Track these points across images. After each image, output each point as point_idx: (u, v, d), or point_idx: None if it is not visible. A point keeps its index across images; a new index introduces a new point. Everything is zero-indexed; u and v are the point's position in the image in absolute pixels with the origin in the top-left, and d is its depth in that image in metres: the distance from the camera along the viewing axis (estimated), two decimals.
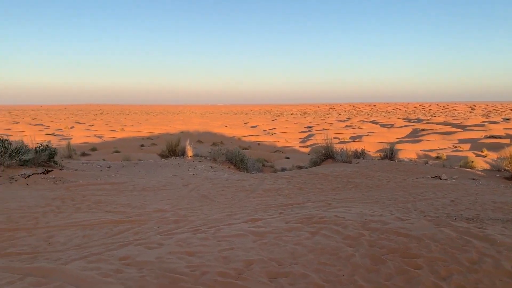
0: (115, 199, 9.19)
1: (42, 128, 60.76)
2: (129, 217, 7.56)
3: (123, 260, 5.08)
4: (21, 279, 4.62)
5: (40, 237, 6.43)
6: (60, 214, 7.80)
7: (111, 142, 45.23)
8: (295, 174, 12.95)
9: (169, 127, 66.75)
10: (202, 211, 8.09)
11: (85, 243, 6.04)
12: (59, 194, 9.56)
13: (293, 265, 4.78)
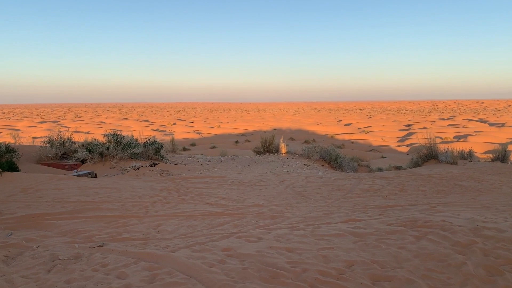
0: (215, 192, 9.60)
1: (148, 124, 65.72)
2: (228, 210, 7.84)
3: (226, 251, 5.28)
4: (135, 263, 5.03)
5: (149, 225, 6.95)
6: (167, 205, 8.36)
7: (209, 138, 47.45)
8: (395, 175, 12.40)
9: (262, 124, 68.08)
10: (298, 208, 8.10)
11: (189, 233, 6.39)
12: (166, 186, 10.25)
13: (397, 269, 4.56)
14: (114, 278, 4.58)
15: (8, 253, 5.56)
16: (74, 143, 14.94)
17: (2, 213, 7.75)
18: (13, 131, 34.14)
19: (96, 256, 5.35)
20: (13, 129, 41.63)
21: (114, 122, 54.76)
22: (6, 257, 5.43)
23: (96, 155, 13.79)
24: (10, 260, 5.35)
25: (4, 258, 5.37)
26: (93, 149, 13.92)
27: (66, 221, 7.26)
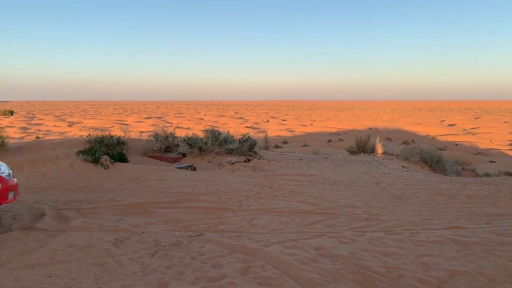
0: (307, 190, 9.57)
1: (242, 121, 67.64)
2: (321, 209, 7.76)
3: (318, 250, 5.24)
4: (230, 254, 5.21)
5: (243, 218, 7.15)
6: (260, 200, 8.53)
7: (301, 136, 47.41)
8: (505, 181, 11.25)
9: (356, 123, 66.25)
10: (394, 211, 7.74)
11: (282, 229, 6.45)
12: (259, 182, 10.47)
13: (508, 284, 4.14)
14: (210, 267, 4.79)
15: (118, 237, 6.11)
16: (176, 137, 15.94)
17: (113, 200, 8.53)
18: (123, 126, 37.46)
19: (194, 245, 5.65)
20: (123, 124, 45.74)
21: (211, 119, 57.36)
22: (116, 240, 5.97)
23: (196, 150, 14.55)
24: (119, 243, 5.87)
25: (114, 241, 5.91)
26: (193, 144, 14.71)
27: (168, 210, 7.77)
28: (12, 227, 6.57)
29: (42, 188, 9.70)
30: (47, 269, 4.79)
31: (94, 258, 5.17)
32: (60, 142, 13.95)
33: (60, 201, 8.41)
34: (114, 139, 13.84)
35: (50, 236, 6.11)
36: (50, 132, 39.95)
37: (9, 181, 6.27)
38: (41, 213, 7.37)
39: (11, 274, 4.60)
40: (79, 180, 10.50)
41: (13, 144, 13.56)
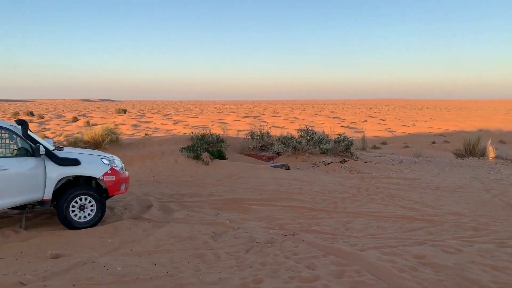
0: (408, 195, 9.07)
1: (338, 121, 66.43)
2: (422, 215, 7.30)
3: (418, 259, 4.94)
4: (324, 256, 5.14)
5: (338, 220, 7.01)
6: (356, 202, 8.29)
7: (401, 137, 45.10)
8: None
9: (464, 123, 61.23)
10: (508, 222, 7.00)
11: (379, 234, 6.20)
12: (355, 183, 10.19)
13: None
14: (304, 268, 4.77)
15: (216, 230, 6.37)
16: (271, 136, 16.18)
17: (212, 195, 8.93)
18: (222, 124, 39.08)
19: (288, 244, 5.68)
20: (222, 122, 47.70)
21: (306, 118, 57.28)
22: (214, 233, 6.23)
23: (290, 149, 14.63)
24: (217, 236, 6.13)
25: (212, 234, 6.18)
26: (288, 143, 14.82)
27: (263, 207, 7.91)
28: (123, 216, 7.22)
29: (149, 181, 10.51)
30: (152, 257, 5.17)
31: (194, 250, 5.45)
32: (166, 139, 14.97)
33: (165, 194, 9.03)
34: (214, 137, 14.49)
35: (156, 227, 6.59)
36: (157, 130, 43.12)
37: (121, 174, 6.89)
38: (148, 204, 7.99)
39: (121, 260, 5.04)
40: (182, 175, 11.17)
41: (125, 140, 14.88)
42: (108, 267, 4.75)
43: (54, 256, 5.09)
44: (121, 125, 43.84)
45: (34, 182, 6.14)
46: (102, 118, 57.36)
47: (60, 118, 59.40)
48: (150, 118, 59.43)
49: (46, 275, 4.45)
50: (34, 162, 6.18)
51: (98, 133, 13.44)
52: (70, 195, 6.34)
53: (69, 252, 5.31)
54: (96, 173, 6.55)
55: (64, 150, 6.72)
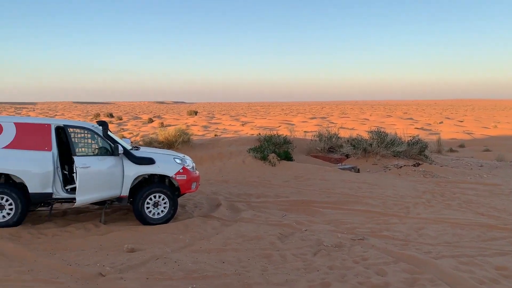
0: (488, 202, 8.46)
1: (412, 122, 63.62)
2: (504, 224, 6.77)
3: (500, 270, 4.58)
4: (395, 262, 4.94)
5: (410, 226, 6.70)
6: (430, 208, 7.88)
7: (481, 140, 42.16)
8: None
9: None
10: None
11: (455, 242, 5.83)
12: (429, 188, 9.69)
13: None
14: (373, 273, 4.62)
15: (283, 232, 6.37)
16: (339, 138, 15.89)
17: (278, 196, 8.96)
18: (289, 125, 39.09)
19: (356, 249, 5.53)
20: (289, 124, 47.70)
21: (377, 119, 55.40)
22: (281, 234, 6.23)
23: (360, 151, 14.26)
24: (283, 238, 6.12)
25: (279, 235, 6.19)
26: (357, 145, 14.45)
27: (331, 210, 7.78)
28: (194, 214, 7.46)
29: (218, 181, 10.78)
30: (221, 255, 5.29)
31: (261, 250, 5.50)
32: (234, 140, 15.29)
33: (233, 193, 9.21)
34: (281, 138, 14.53)
35: (224, 225, 6.73)
36: (226, 131, 44.14)
37: (192, 173, 7.13)
38: (217, 203, 8.19)
39: (191, 256, 5.22)
40: (249, 175, 11.33)
41: (196, 141, 15.40)
42: (179, 262, 4.93)
43: (130, 250, 5.38)
44: (192, 126, 45.44)
45: (113, 180, 6.54)
46: (175, 120, 59.84)
47: (137, 120, 62.86)
48: (219, 120, 60.99)
49: (122, 267, 4.72)
50: (113, 161, 6.58)
51: (171, 133, 14.05)
52: (145, 192, 6.68)
53: (144, 246, 5.59)
54: (169, 172, 6.84)
55: (140, 150, 7.10)
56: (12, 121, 6.50)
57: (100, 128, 6.72)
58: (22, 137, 6.41)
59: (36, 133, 6.47)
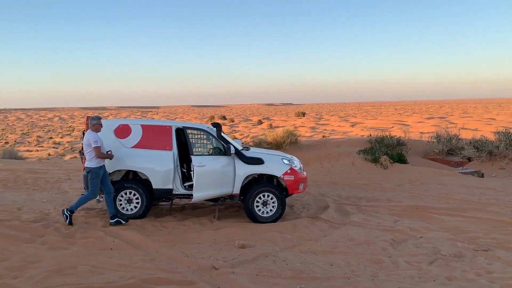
0: None
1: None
2: None
3: None
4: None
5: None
6: None
7: None
8: None
9: None
10: None
11: None
12: None
13: None
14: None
15: (395, 238, 6.07)
16: (460, 139, 14.62)
17: (390, 200, 8.55)
18: (403, 126, 37.09)
19: (479, 260, 5.04)
20: (403, 124, 45.27)
21: (506, 119, 49.70)
22: (393, 240, 5.94)
23: (484, 154, 12.95)
24: (396, 244, 5.83)
25: (391, 241, 5.91)
26: (481, 147, 13.15)
27: (449, 217, 7.19)
28: (301, 214, 7.49)
29: (326, 182, 10.66)
30: (329, 258, 5.22)
31: (371, 255, 5.30)
32: (343, 141, 14.99)
33: (341, 195, 9.04)
34: (394, 139, 13.86)
35: (332, 227, 6.64)
36: (334, 132, 43.56)
37: (300, 174, 7.17)
38: (325, 205, 8.11)
39: (299, 256, 5.24)
40: (359, 178, 11.01)
41: (304, 142, 15.45)
42: (287, 261, 4.99)
43: (240, 246, 5.60)
44: (300, 127, 45.69)
45: (226, 178, 6.88)
46: (283, 121, 60.80)
47: (247, 121, 65.28)
48: (328, 121, 60.38)
49: (234, 262, 4.93)
50: (226, 160, 6.92)
51: (280, 135, 14.29)
52: (254, 191, 6.89)
53: (253, 243, 5.77)
54: (277, 172, 6.97)
55: (250, 150, 7.35)
56: (139, 123, 7.21)
57: (214, 130, 7.11)
58: (147, 137, 7.07)
59: (159, 134, 7.09)
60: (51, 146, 39.03)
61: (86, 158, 6.38)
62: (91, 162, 6.31)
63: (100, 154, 6.30)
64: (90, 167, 6.32)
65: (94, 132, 6.38)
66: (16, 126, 74.74)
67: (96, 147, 6.25)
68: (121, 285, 4.18)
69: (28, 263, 4.78)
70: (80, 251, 5.31)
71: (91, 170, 6.32)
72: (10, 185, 9.85)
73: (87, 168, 6.36)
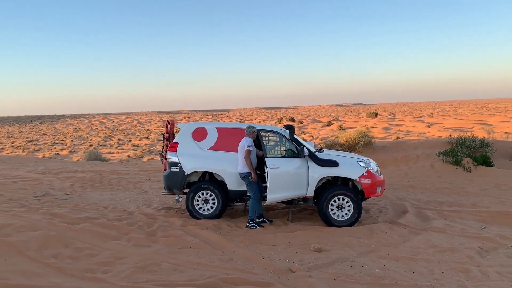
0: None
1: None
2: None
3: None
4: None
5: None
6: None
7: None
8: None
9: None
10: None
11: None
12: None
13: None
14: None
15: (482, 246, 5.66)
16: None
17: (475, 205, 7.99)
18: (486, 126, 34.54)
19: None
20: (485, 124, 42.17)
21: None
22: (481, 249, 5.54)
23: None
24: (484, 252, 5.43)
25: (478, 249, 5.51)
26: None
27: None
28: (378, 219, 7.24)
29: (404, 185, 10.22)
30: (410, 264, 4.99)
31: (456, 263, 4.99)
32: (421, 142, 14.27)
33: (421, 200, 8.61)
34: (477, 140, 12.96)
35: (412, 233, 6.34)
36: (409, 133, 41.65)
37: (377, 177, 6.93)
38: (403, 209, 7.78)
39: (378, 262, 5.06)
40: (439, 181, 10.43)
41: (378, 143, 14.92)
42: (366, 267, 4.84)
43: (316, 249, 5.53)
44: (372, 128, 44.30)
45: (299, 180, 6.83)
46: (354, 122, 59.36)
47: (316, 123, 64.61)
48: (402, 121, 57.94)
49: (310, 266, 4.88)
50: (299, 162, 6.87)
51: (353, 136, 13.95)
52: (329, 194, 6.77)
53: (329, 247, 5.67)
54: (352, 175, 6.80)
55: (324, 152, 7.24)
56: (215, 126, 7.40)
57: (287, 132, 7.10)
58: (222, 140, 7.25)
59: (234, 137, 7.22)
60: (131, 148, 41.44)
61: (240, 164, 6.76)
62: (244, 168, 6.68)
63: (247, 157, 6.62)
64: (244, 172, 6.69)
65: (250, 138, 6.71)
66: (99, 129, 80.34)
67: (247, 150, 6.61)
68: (201, 283, 4.31)
69: (115, 259, 5.09)
70: (162, 249, 5.56)
71: (246, 175, 6.68)
72: (96, 185, 10.59)
73: (241, 174, 6.75)
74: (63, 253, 5.21)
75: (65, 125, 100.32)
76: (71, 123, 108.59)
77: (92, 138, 58.10)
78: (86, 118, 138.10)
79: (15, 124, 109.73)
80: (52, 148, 42.91)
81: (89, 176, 11.75)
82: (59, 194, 9.10)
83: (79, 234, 5.93)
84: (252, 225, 6.72)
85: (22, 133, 76.62)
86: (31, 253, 5.11)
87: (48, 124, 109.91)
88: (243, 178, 6.74)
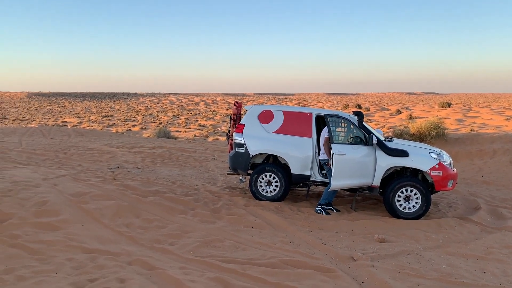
0: None
1: None
2: None
3: None
4: None
5: None
6: None
7: None
8: None
9: None
10: None
11: None
12: None
13: None
14: None
15: None
16: None
17: None
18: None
19: None
20: None
21: None
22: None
23: None
24: None
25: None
26: None
27: None
28: (448, 214, 6.92)
29: (477, 181, 9.65)
30: (481, 264, 4.73)
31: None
32: (499, 136, 13.31)
33: (496, 197, 8.09)
34: None
35: (485, 231, 5.99)
36: (485, 126, 38.94)
37: (449, 170, 6.58)
38: (475, 206, 7.36)
39: (446, 258, 4.85)
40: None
41: (451, 135, 14.12)
42: (432, 262, 4.67)
43: (380, 240, 5.41)
44: (444, 119, 41.94)
45: (365, 168, 6.67)
46: (425, 112, 56.54)
47: (384, 111, 62.38)
48: (477, 113, 54.26)
49: (373, 256, 4.78)
50: (366, 150, 6.70)
51: (424, 126, 13.32)
52: (396, 185, 6.55)
53: (394, 239, 5.53)
54: (423, 166, 6.52)
55: (393, 141, 7.00)
56: (281, 109, 7.41)
57: (356, 118, 6.93)
58: (288, 124, 7.25)
59: (299, 121, 7.20)
60: (197, 128, 42.69)
61: (320, 151, 7.02)
62: (324, 154, 6.90)
63: (325, 144, 6.82)
64: (325, 159, 6.90)
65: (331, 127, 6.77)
66: (168, 108, 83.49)
67: (326, 137, 6.79)
68: (263, 263, 4.39)
69: (182, 232, 5.33)
70: (226, 226, 5.73)
71: (326, 162, 6.90)
72: (166, 161, 11.07)
73: (322, 160, 6.99)
74: (134, 223, 5.55)
75: (137, 103, 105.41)
76: (143, 101, 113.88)
77: (161, 116, 60.55)
78: (157, 97, 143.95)
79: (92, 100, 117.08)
80: (125, 124, 45.34)
81: (159, 152, 12.30)
82: (131, 168, 9.65)
83: (149, 206, 6.27)
84: (320, 209, 6.71)
85: (98, 108, 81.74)
86: (106, 221, 5.49)
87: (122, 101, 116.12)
88: (324, 165, 6.87)
